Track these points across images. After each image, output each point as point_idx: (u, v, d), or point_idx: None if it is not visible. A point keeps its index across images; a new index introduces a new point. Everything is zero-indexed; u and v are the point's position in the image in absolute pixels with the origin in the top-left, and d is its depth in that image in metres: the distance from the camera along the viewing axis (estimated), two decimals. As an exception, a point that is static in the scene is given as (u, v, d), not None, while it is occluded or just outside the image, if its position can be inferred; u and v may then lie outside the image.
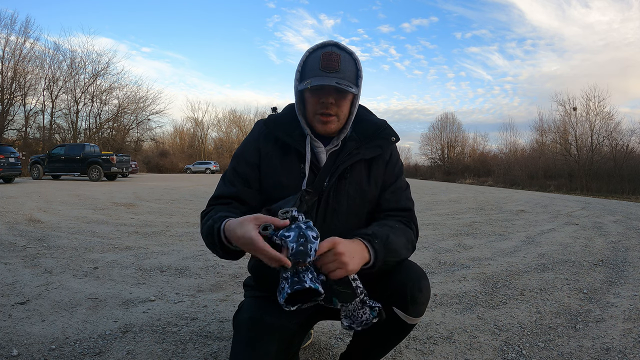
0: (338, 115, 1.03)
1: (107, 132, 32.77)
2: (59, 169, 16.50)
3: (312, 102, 1.03)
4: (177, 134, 47.97)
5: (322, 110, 1.02)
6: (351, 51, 1.03)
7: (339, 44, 1.03)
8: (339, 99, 1.01)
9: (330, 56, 1.00)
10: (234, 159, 1.13)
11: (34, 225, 4.51)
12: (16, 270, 2.61)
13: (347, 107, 1.04)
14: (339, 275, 0.85)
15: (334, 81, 0.97)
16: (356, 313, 0.91)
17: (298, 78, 1.04)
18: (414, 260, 1.11)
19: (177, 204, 7.40)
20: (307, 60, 1.03)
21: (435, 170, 44.10)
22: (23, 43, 26.17)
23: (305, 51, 1.04)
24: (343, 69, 1.00)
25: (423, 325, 1.85)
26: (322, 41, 1.05)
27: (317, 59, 1.01)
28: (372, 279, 1.09)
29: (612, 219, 6.33)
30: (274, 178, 1.08)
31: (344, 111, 1.04)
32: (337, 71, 0.99)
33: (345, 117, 1.05)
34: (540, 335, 1.76)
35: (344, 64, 1.00)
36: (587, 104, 25.66)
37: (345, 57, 1.01)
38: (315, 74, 0.99)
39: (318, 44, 1.04)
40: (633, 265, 3.13)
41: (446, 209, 7.71)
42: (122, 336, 1.65)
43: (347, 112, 1.05)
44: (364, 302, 0.91)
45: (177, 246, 3.55)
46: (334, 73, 0.99)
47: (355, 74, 1.03)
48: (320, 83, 0.97)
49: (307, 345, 1.60)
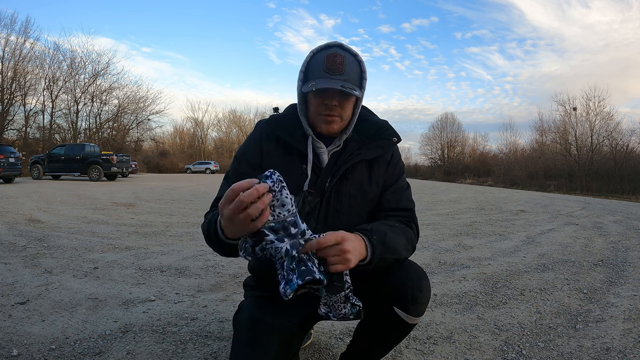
0: (342, 116, 1.03)
1: (107, 132, 32.78)
2: (59, 169, 16.50)
3: (315, 103, 1.03)
4: (177, 134, 48.02)
5: (326, 112, 1.02)
6: (355, 52, 1.03)
7: (343, 45, 1.02)
8: (342, 101, 1.01)
9: (335, 58, 0.99)
10: (236, 159, 1.13)
11: (34, 225, 4.51)
12: (16, 270, 2.61)
13: (350, 108, 1.04)
14: (339, 270, 0.85)
15: (338, 84, 0.96)
16: (337, 305, 0.92)
17: (302, 79, 1.03)
18: (414, 260, 1.11)
19: (177, 204, 7.40)
20: (311, 61, 1.02)
21: (435, 170, 44.10)
22: (23, 43, 26.24)
23: (309, 52, 1.03)
24: (347, 71, 0.99)
25: (423, 325, 1.85)
26: (326, 42, 1.04)
27: (321, 61, 1.00)
28: (371, 277, 1.09)
29: (612, 219, 6.33)
30: None
31: (347, 113, 1.04)
32: (342, 73, 0.98)
33: (348, 118, 1.05)
34: (540, 335, 1.76)
35: (348, 66, 1.00)
36: (587, 104, 25.71)
37: (349, 59, 1.01)
38: (319, 76, 0.99)
39: (322, 45, 1.03)
40: (633, 265, 3.13)
41: (446, 209, 7.71)
42: (122, 336, 1.65)
43: (351, 113, 1.06)
44: (347, 298, 0.92)
45: (177, 246, 3.55)
46: (338, 75, 0.98)
47: (359, 75, 1.02)
48: (324, 86, 0.96)
49: (307, 345, 1.60)
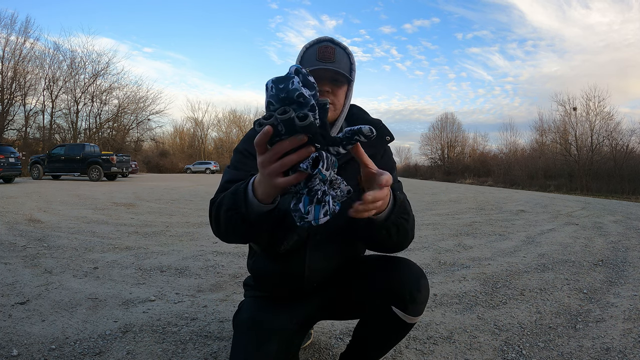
0: (334, 103, 1.07)
1: (107, 132, 32.75)
2: (59, 169, 16.49)
3: None
4: (177, 134, 47.96)
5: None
6: (345, 46, 1.09)
7: (333, 39, 1.09)
8: (334, 88, 1.06)
9: (326, 49, 1.06)
10: (237, 151, 1.14)
11: (34, 225, 4.51)
12: (16, 270, 2.61)
13: (342, 96, 1.09)
14: (356, 217, 0.77)
15: (331, 68, 1.03)
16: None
17: None
18: (414, 260, 1.11)
19: (177, 204, 7.40)
20: (305, 55, 1.08)
21: (435, 170, 44.08)
22: (23, 43, 26.18)
23: (303, 47, 1.10)
24: (338, 60, 1.06)
25: (423, 325, 1.85)
26: (317, 37, 1.10)
27: (313, 52, 1.06)
28: (370, 276, 1.10)
29: (612, 219, 6.33)
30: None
31: (340, 100, 1.08)
32: (333, 62, 1.05)
33: (341, 106, 1.10)
34: (540, 335, 1.76)
35: (338, 56, 1.06)
36: (587, 104, 25.65)
37: (339, 51, 1.07)
38: (313, 64, 1.04)
39: (314, 40, 1.09)
40: (633, 265, 3.13)
41: (446, 209, 7.71)
42: (122, 336, 1.65)
43: (343, 101, 1.10)
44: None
45: (177, 246, 3.55)
46: (330, 63, 1.04)
47: (349, 66, 1.08)
48: (318, 67, 1.03)
49: (307, 345, 1.60)
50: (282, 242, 1.04)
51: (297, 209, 0.72)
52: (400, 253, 1.09)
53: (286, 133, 0.68)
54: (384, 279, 1.06)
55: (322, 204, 0.72)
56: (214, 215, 0.93)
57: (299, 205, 0.72)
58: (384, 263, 1.12)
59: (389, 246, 0.96)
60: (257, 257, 1.19)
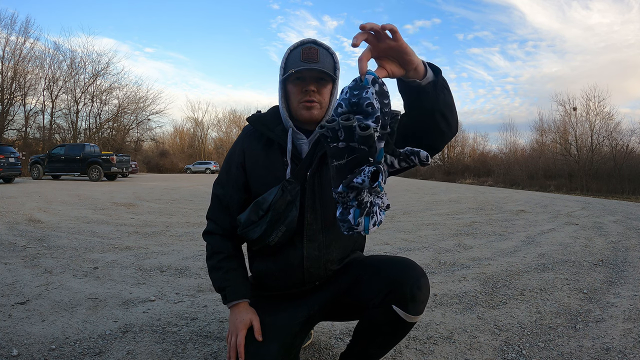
0: (320, 102, 1.10)
1: (107, 132, 32.75)
2: (59, 169, 16.49)
3: (295, 92, 1.10)
4: (177, 134, 48.01)
5: (306, 98, 1.09)
6: (328, 47, 1.12)
7: (316, 40, 1.12)
8: (319, 87, 1.09)
9: (310, 50, 1.08)
10: (225, 161, 1.23)
11: (34, 225, 4.51)
12: (16, 270, 2.61)
13: (327, 94, 1.11)
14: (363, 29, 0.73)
15: (315, 68, 1.05)
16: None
17: (282, 74, 1.11)
18: (414, 259, 1.12)
19: (177, 204, 7.40)
20: (289, 56, 1.11)
21: (435, 170, 44.05)
22: (23, 43, 26.21)
23: (287, 49, 1.12)
24: (322, 60, 1.08)
25: (423, 325, 1.85)
26: (300, 39, 1.14)
27: (298, 54, 1.09)
28: (367, 276, 1.10)
29: (612, 219, 6.33)
30: (258, 172, 1.14)
31: (325, 98, 1.11)
32: (317, 62, 1.07)
33: (326, 104, 1.12)
34: (540, 335, 1.76)
35: (322, 57, 1.09)
36: (587, 104, 25.65)
37: (322, 52, 1.10)
38: (297, 65, 1.07)
39: (297, 42, 1.12)
40: (633, 265, 3.13)
41: (446, 209, 7.71)
42: (122, 336, 1.65)
43: (328, 99, 1.12)
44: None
45: (177, 246, 3.55)
46: (314, 64, 1.06)
47: (333, 65, 1.11)
48: (302, 67, 1.05)
49: (307, 345, 1.60)
50: (269, 235, 1.07)
51: (345, 220, 0.76)
52: (400, 253, 1.09)
53: (345, 139, 0.72)
54: (384, 277, 1.06)
55: (370, 214, 0.75)
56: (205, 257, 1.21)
57: (349, 217, 0.76)
58: (385, 262, 1.12)
59: (446, 113, 0.89)
60: (256, 258, 1.20)
